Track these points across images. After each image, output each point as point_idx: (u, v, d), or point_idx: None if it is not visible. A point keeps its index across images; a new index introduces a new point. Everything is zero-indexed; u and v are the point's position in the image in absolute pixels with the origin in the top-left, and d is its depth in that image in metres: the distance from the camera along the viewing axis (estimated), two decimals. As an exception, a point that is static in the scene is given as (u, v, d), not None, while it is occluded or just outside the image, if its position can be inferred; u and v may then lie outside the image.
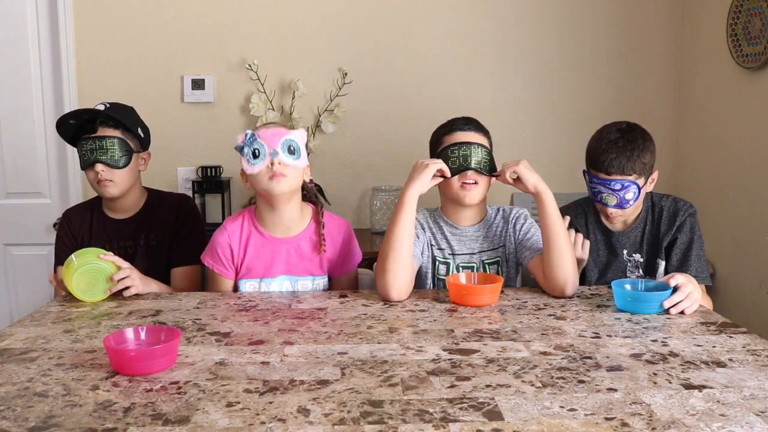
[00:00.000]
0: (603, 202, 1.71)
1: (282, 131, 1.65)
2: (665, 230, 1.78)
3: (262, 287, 1.73)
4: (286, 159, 1.62)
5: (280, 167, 1.61)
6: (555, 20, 2.85)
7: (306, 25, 2.80)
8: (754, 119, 2.40)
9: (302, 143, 1.68)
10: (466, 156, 1.67)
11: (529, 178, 1.65)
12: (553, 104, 2.89)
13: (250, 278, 1.74)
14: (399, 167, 2.87)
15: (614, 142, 1.68)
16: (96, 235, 1.86)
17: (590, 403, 1.01)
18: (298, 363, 1.18)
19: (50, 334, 1.35)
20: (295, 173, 1.65)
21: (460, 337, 1.32)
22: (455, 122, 1.77)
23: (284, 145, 1.63)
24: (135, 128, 1.86)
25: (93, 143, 1.77)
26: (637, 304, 1.49)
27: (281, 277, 1.73)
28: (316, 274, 1.76)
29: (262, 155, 1.62)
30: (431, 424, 0.94)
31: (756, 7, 2.34)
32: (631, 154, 1.66)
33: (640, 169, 1.68)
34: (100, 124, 1.80)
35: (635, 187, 1.67)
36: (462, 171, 1.67)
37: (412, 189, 1.64)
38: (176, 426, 0.94)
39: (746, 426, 0.93)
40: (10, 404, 1.02)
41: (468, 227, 1.78)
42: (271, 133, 1.64)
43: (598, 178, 1.70)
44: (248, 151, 1.63)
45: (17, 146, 2.73)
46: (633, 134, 1.71)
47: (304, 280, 1.75)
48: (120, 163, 1.79)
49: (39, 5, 2.68)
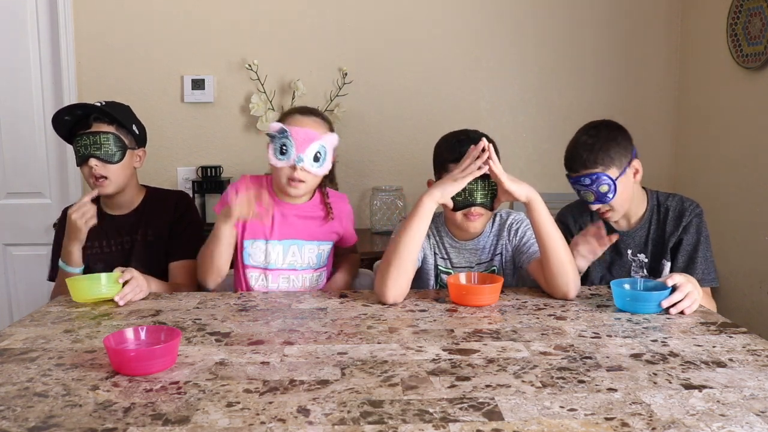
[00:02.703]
0: (585, 200, 1.74)
1: (313, 135, 1.67)
2: (671, 231, 1.77)
3: (268, 249, 1.76)
4: (310, 167, 1.67)
5: (300, 174, 1.67)
6: (555, 20, 2.85)
7: (306, 25, 2.80)
8: (754, 119, 2.40)
9: (331, 148, 1.72)
10: (472, 191, 1.61)
11: (519, 191, 1.58)
12: (553, 104, 2.89)
13: (256, 239, 1.76)
14: (399, 167, 2.87)
15: (578, 139, 1.73)
16: (93, 232, 1.86)
17: (590, 403, 1.01)
18: (298, 363, 1.18)
19: (50, 334, 1.35)
20: (314, 179, 1.72)
21: (460, 337, 1.32)
22: (461, 149, 1.62)
23: (311, 151, 1.66)
24: (129, 125, 1.86)
25: (87, 139, 1.78)
26: (636, 303, 1.49)
27: (287, 241, 1.77)
28: (321, 239, 1.80)
29: (288, 155, 1.66)
30: (431, 424, 0.94)
31: (756, 7, 2.34)
32: (592, 147, 1.68)
33: (604, 161, 1.67)
34: (94, 120, 1.80)
35: (607, 178, 1.67)
36: (467, 207, 1.63)
37: (432, 196, 1.59)
38: (176, 426, 0.94)
39: (746, 426, 0.93)
40: (10, 404, 1.02)
41: (467, 242, 1.78)
42: (303, 135, 1.66)
43: (571, 177, 1.74)
44: (277, 144, 1.67)
45: (17, 146, 2.73)
46: (596, 129, 1.73)
47: (310, 245, 1.79)
48: (114, 159, 1.79)
49: (39, 5, 2.68)
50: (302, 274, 1.80)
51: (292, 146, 1.65)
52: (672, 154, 2.92)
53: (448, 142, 1.71)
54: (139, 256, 1.86)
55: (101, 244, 1.87)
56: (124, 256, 1.85)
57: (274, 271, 1.77)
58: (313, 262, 1.81)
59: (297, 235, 1.78)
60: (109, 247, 1.88)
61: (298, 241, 1.78)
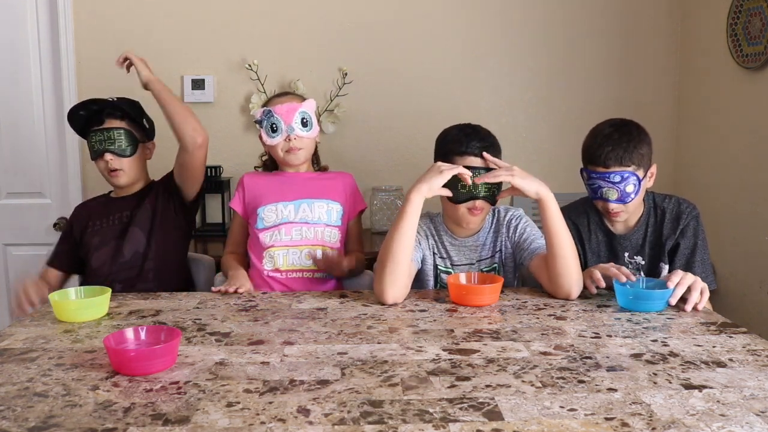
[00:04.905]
0: (603, 197, 1.70)
1: (295, 105, 1.84)
2: (668, 233, 1.76)
3: (279, 207, 1.85)
4: (301, 132, 1.83)
5: (296, 142, 1.84)
6: (555, 20, 2.85)
7: (306, 25, 2.80)
8: (754, 119, 2.40)
9: (313, 112, 1.88)
10: (476, 184, 1.61)
11: (529, 187, 1.57)
12: (553, 104, 2.89)
13: (266, 204, 1.86)
14: (399, 167, 2.87)
15: (609, 135, 1.69)
16: (96, 212, 1.97)
17: (590, 403, 1.01)
18: (298, 363, 1.18)
19: (50, 334, 1.35)
20: (309, 143, 1.88)
21: (460, 337, 1.32)
22: (470, 144, 1.65)
23: (298, 118, 1.83)
24: (140, 119, 1.97)
25: (101, 134, 1.88)
26: (639, 302, 1.50)
27: (297, 201, 1.86)
28: (329, 198, 1.88)
29: (279, 130, 1.83)
30: (431, 424, 0.94)
31: (756, 7, 2.34)
32: (627, 144, 1.66)
33: (638, 160, 1.67)
34: (106, 115, 1.90)
35: (635, 178, 1.67)
36: (471, 200, 1.64)
37: (419, 191, 1.58)
38: (176, 426, 0.94)
39: (746, 426, 0.93)
40: (10, 404, 1.02)
41: (467, 238, 1.78)
42: (286, 109, 1.83)
43: (596, 172, 1.69)
44: (266, 125, 1.84)
45: (17, 146, 2.72)
46: (627, 127, 1.71)
47: (319, 202, 1.87)
48: (127, 152, 1.90)
49: (39, 5, 2.68)
50: (314, 228, 1.85)
51: (280, 121, 1.82)
52: (672, 153, 2.92)
53: (455, 134, 1.70)
54: (141, 223, 1.92)
55: (102, 222, 1.95)
56: (122, 229, 1.92)
57: (287, 225, 1.84)
58: (324, 218, 1.86)
59: (306, 195, 1.87)
60: (108, 223, 1.95)
61: (307, 200, 1.87)
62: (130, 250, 1.89)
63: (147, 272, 1.89)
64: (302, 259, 1.83)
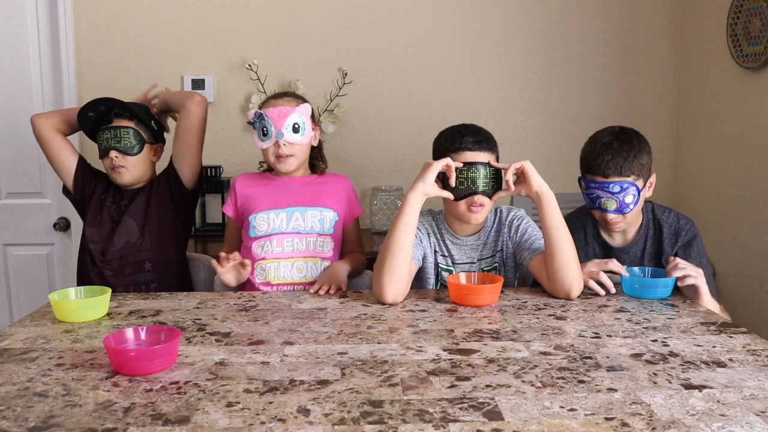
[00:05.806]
0: (602, 207, 1.68)
1: (287, 110, 1.80)
2: (668, 251, 1.74)
3: (272, 216, 1.83)
4: (291, 138, 1.80)
5: (285, 148, 1.80)
6: (555, 20, 2.85)
7: (306, 25, 2.80)
8: (754, 119, 2.40)
9: (307, 118, 1.84)
10: (474, 179, 1.62)
11: (535, 178, 1.60)
12: (553, 104, 2.89)
13: (259, 211, 1.84)
14: (399, 167, 2.87)
15: (609, 144, 1.66)
16: (104, 186, 2.00)
17: (590, 403, 1.01)
18: (298, 363, 1.19)
19: (50, 334, 1.36)
20: (300, 149, 1.84)
21: (460, 337, 1.32)
22: (464, 139, 1.67)
23: (289, 125, 1.79)
24: (148, 120, 1.99)
25: (109, 132, 1.92)
26: (644, 290, 1.59)
27: (290, 209, 1.84)
28: (323, 205, 1.86)
29: (269, 134, 1.80)
30: (431, 424, 0.94)
31: (756, 7, 2.34)
32: (627, 154, 1.65)
33: (637, 170, 1.66)
34: (115, 116, 1.94)
35: (634, 189, 1.65)
36: (470, 195, 1.64)
37: (415, 189, 1.60)
38: (176, 426, 0.94)
39: (746, 426, 0.93)
40: (10, 404, 1.02)
41: (468, 237, 1.78)
42: (277, 113, 1.79)
43: (595, 182, 1.67)
44: (258, 128, 1.82)
45: (17, 146, 2.72)
46: (627, 136, 1.69)
47: (312, 210, 1.84)
48: (132, 151, 1.93)
49: (39, 5, 2.68)
50: (306, 238, 1.83)
51: (271, 125, 1.79)
52: (672, 153, 2.92)
53: (449, 133, 1.72)
54: (135, 214, 1.94)
55: (106, 198, 1.98)
56: (119, 214, 1.94)
57: (279, 236, 1.82)
58: (317, 227, 1.84)
59: (298, 203, 1.85)
60: (109, 203, 1.97)
61: (299, 207, 1.84)
62: (121, 240, 1.91)
63: (143, 262, 1.91)
64: (293, 272, 1.81)
